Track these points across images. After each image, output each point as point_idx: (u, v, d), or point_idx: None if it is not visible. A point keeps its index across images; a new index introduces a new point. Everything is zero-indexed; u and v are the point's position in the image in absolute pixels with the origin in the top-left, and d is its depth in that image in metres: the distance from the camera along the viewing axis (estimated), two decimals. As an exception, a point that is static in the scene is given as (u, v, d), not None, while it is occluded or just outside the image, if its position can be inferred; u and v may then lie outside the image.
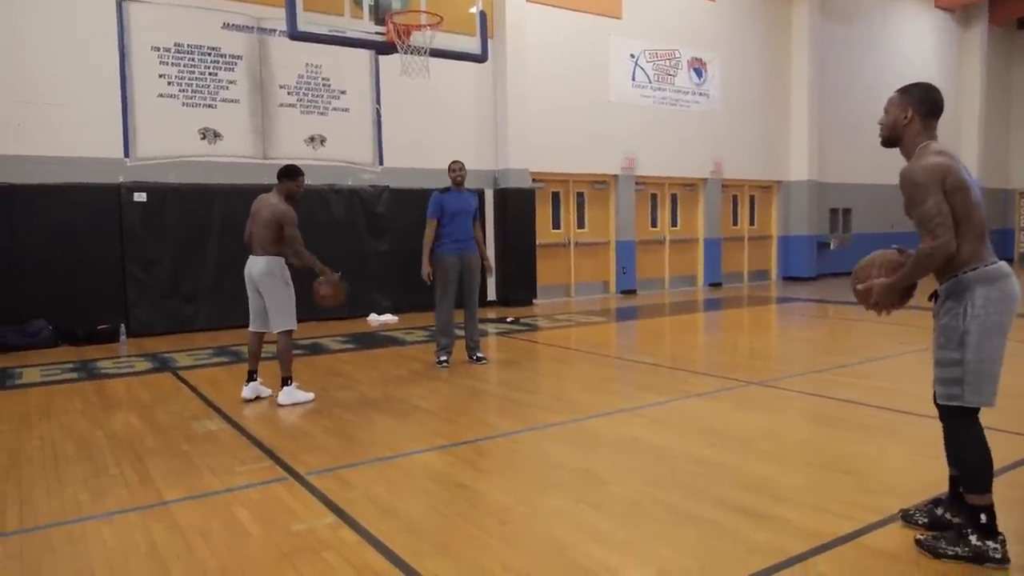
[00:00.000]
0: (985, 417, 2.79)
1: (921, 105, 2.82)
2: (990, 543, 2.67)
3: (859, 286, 2.98)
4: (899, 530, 3.00)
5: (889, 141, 2.92)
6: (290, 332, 5.52)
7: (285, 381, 5.46)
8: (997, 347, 2.70)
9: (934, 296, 2.86)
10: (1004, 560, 2.66)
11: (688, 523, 3.14)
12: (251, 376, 5.64)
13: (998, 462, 2.73)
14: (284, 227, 5.38)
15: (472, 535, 3.08)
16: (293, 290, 5.50)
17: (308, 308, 5.62)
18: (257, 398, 5.60)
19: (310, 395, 5.55)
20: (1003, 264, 2.73)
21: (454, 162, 6.85)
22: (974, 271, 2.69)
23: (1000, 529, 2.71)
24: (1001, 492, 3.34)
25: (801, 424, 4.85)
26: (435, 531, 3.13)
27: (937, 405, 2.88)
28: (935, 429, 3.01)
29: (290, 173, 5.54)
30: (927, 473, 3.57)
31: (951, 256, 2.68)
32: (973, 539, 2.69)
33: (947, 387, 2.76)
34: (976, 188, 2.75)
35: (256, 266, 5.45)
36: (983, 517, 2.69)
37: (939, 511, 2.97)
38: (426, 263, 6.67)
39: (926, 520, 2.97)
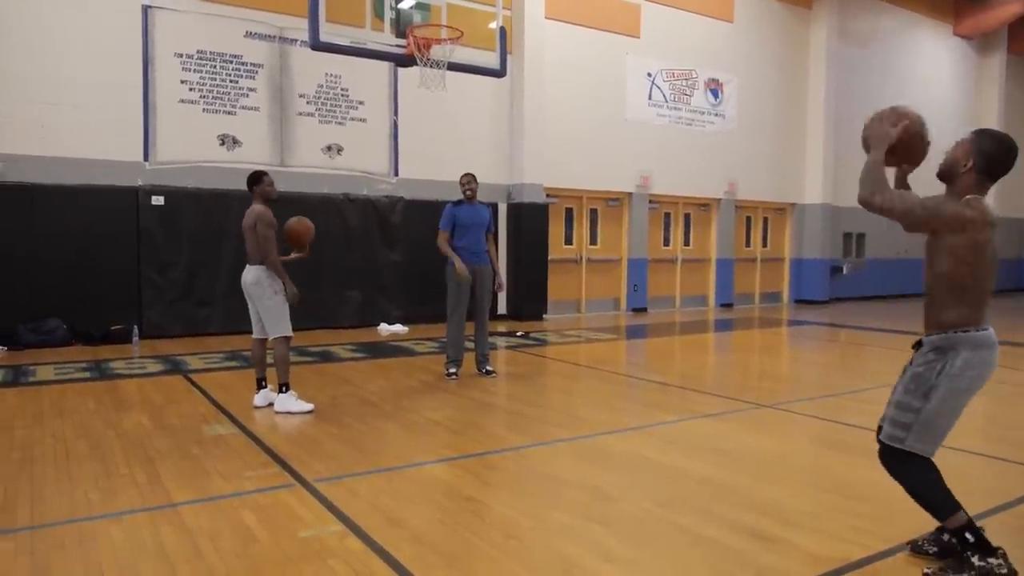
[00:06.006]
0: (996, 449, 2.78)
1: (987, 164, 2.75)
2: (992, 560, 2.70)
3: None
4: (908, 560, 2.98)
5: (943, 177, 2.87)
6: (287, 339, 5.49)
7: (281, 388, 5.44)
8: (957, 407, 2.76)
9: (918, 345, 2.87)
10: (1012, 573, 2.69)
11: (696, 544, 3.12)
12: (260, 384, 5.67)
13: (1008, 494, 2.72)
14: (257, 225, 5.38)
15: (478, 548, 3.08)
16: (283, 298, 5.47)
17: (319, 316, 5.65)
18: (269, 405, 5.61)
19: (308, 406, 5.42)
20: (992, 332, 2.76)
21: (465, 175, 6.78)
22: (964, 332, 2.73)
23: (998, 544, 2.73)
24: (1009, 523, 3.32)
25: (811, 449, 4.82)
26: (441, 543, 3.13)
27: (878, 440, 2.91)
28: (946, 458, 3.00)
29: (254, 179, 5.57)
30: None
31: (864, 201, 2.93)
32: (975, 560, 2.70)
33: (894, 428, 2.82)
34: (995, 255, 2.74)
35: (247, 275, 5.50)
36: (969, 536, 2.73)
37: (946, 537, 2.95)
38: (458, 261, 6.56)
39: (936, 549, 2.95)
